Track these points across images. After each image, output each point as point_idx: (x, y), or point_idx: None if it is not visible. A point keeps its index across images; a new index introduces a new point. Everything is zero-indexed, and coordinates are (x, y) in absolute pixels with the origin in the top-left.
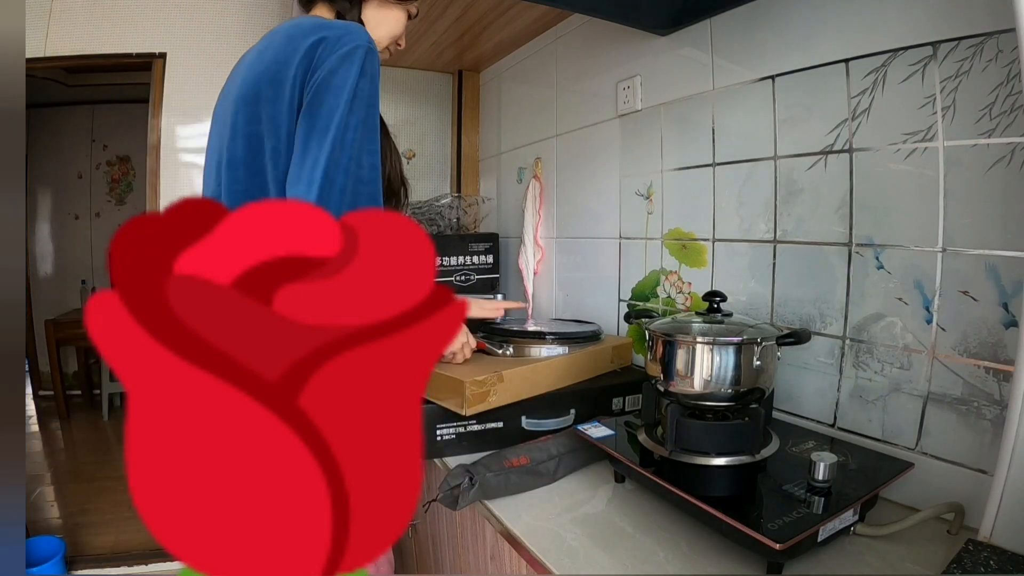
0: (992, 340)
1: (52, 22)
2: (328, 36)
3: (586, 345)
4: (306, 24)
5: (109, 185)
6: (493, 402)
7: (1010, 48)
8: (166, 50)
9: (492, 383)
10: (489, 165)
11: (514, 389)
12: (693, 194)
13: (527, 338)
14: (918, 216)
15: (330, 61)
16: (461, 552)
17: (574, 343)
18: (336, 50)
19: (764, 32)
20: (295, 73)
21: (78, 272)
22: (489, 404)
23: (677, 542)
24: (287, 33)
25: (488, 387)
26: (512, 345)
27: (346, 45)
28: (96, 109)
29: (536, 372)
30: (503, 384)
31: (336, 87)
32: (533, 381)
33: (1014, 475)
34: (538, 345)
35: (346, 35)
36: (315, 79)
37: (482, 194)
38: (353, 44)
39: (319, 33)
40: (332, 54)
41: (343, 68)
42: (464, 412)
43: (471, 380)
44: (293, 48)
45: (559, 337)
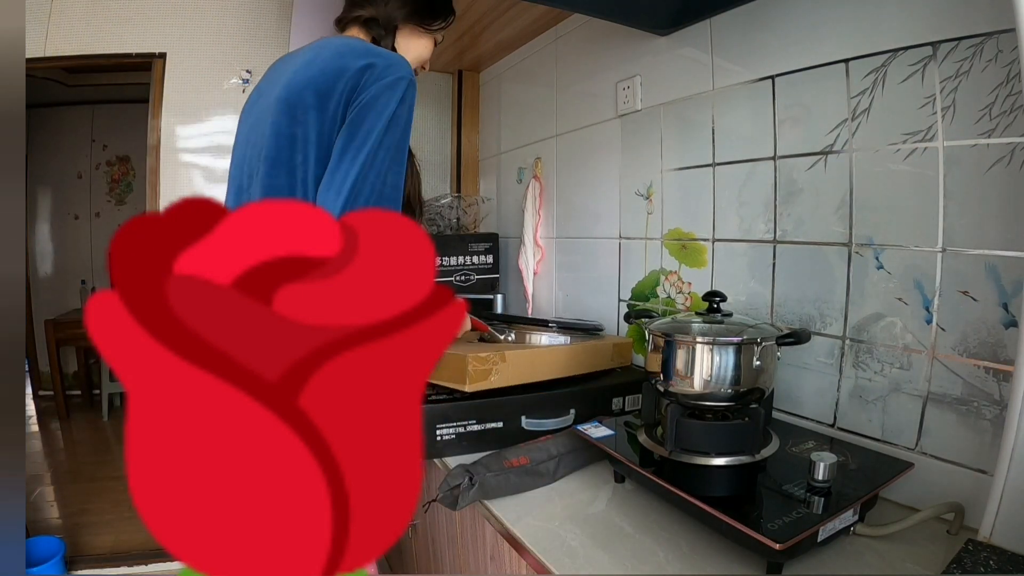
0: (992, 340)
1: (52, 22)
2: (377, 63)
3: (587, 337)
4: (357, 47)
5: (109, 185)
6: (494, 381)
7: (1010, 48)
8: (166, 50)
9: (495, 361)
10: (489, 165)
11: (515, 371)
12: (693, 194)
13: (529, 324)
14: (918, 216)
15: (376, 87)
16: (461, 552)
17: (575, 333)
18: (383, 78)
19: (764, 32)
20: (343, 89)
21: (78, 272)
22: (490, 383)
23: (677, 542)
24: (337, 50)
25: (490, 365)
26: (514, 331)
27: (392, 75)
28: (96, 109)
29: (538, 357)
30: (505, 364)
31: (378, 110)
32: (534, 366)
33: (1014, 475)
34: (539, 332)
35: (394, 65)
36: (360, 99)
37: (482, 194)
38: (398, 75)
39: (369, 58)
40: (379, 81)
41: (386, 94)
42: (466, 388)
43: (473, 356)
44: (343, 66)
45: (561, 325)
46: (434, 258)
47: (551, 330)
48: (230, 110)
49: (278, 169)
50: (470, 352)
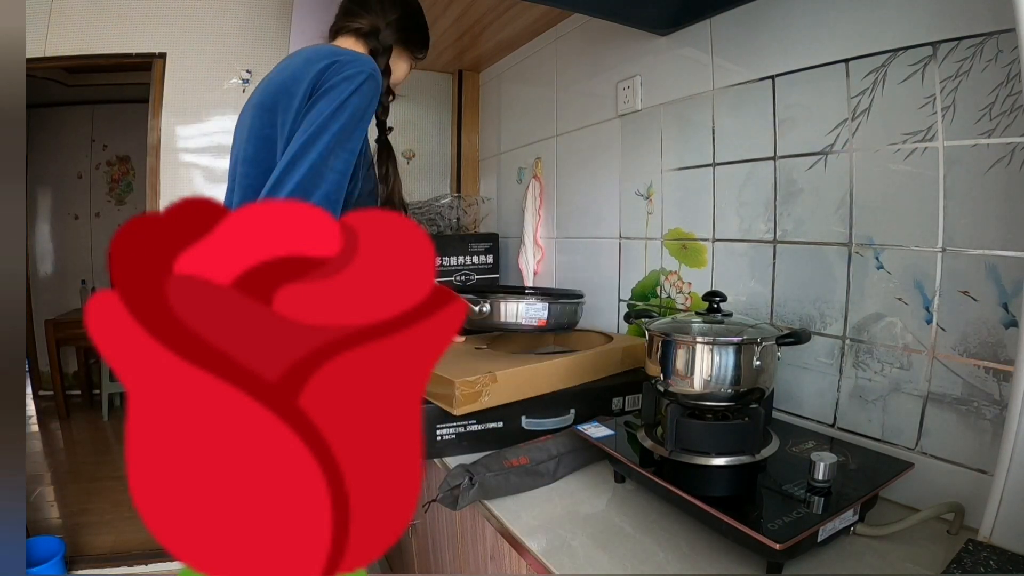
0: (992, 340)
1: (52, 22)
2: (340, 60)
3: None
4: (324, 49)
5: (109, 185)
6: (487, 402)
7: (1010, 48)
8: (166, 50)
9: (484, 383)
10: (489, 165)
11: (509, 390)
12: (693, 194)
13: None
14: (918, 216)
15: (334, 79)
16: (461, 552)
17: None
18: (342, 71)
19: (764, 32)
20: (306, 87)
21: (78, 272)
22: (482, 404)
23: (677, 542)
24: (306, 55)
25: (480, 387)
26: (489, 301)
27: (352, 68)
28: (96, 109)
29: (534, 373)
30: (496, 385)
31: (331, 97)
32: (531, 382)
33: (1014, 475)
34: (516, 301)
35: (355, 61)
36: (318, 91)
37: (482, 194)
38: (358, 69)
39: (333, 57)
40: (338, 74)
41: (342, 84)
42: (455, 412)
43: (461, 380)
44: (308, 68)
45: (540, 292)
46: (434, 258)
47: (527, 297)
48: (230, 110)
49: (256, 169)
50: (458, 376)
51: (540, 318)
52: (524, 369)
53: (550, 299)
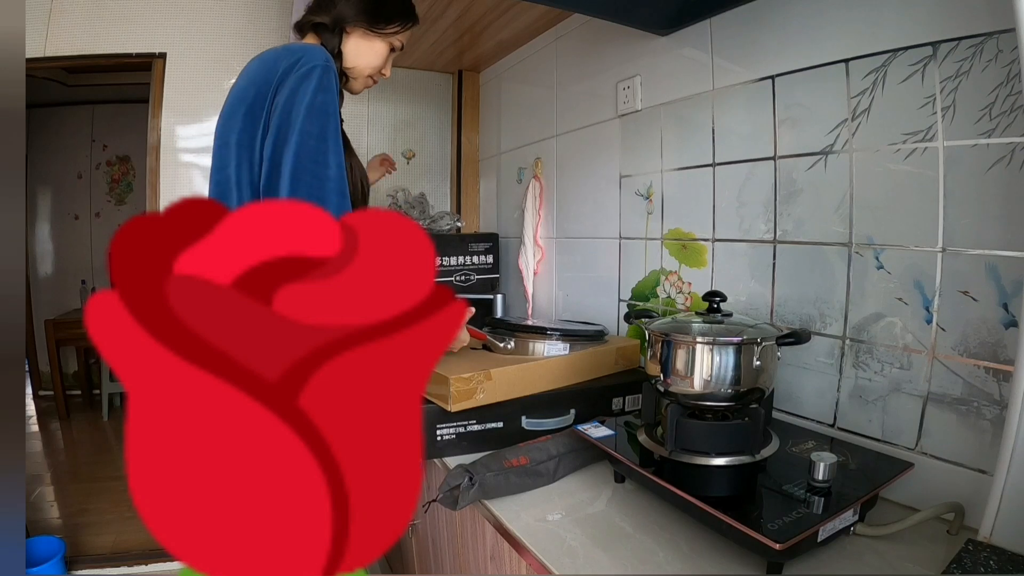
0: (992, 340)
1: (52, 22)
2: (292, 60)
3: (588, 345)
4: (276, 51)
5: (109, 185)
6: (481, 399)
7: (1010, 48)
8: (166, 50)
9: (479, 380)
10: (489, 165)
11: (504, 388)
12: (693, 194)
13: (529, 333)
14: (918, 216)
15: (291, 80)
16: (461, 552)
17: (576, 340)
18: (296, 71)
19: (764, 32)
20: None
21: (78, 272)
22: (477, 401)
23: (677, 542)
24: (262, 59)
25: (475, 384)
26: (514, 340)
27: (305, 65)
28: (96, 109)
29: (528, 372)
30: (491, 383)
31: (296, 103)
32: (525, 380)
33: (1014, 475)
34: (541, 341)
35: (305, 55)
36: (279, 99)
37: (482, 194)
38: (310, 64)
39: (285, 60)
40: (292, 75)
41: (302, 87)
42: (450, 408)
43: (456, 377)
44: (265, 73)
45: (563, 334)
46: (434, 258)
47: (551, 338)
48: None
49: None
50: (453, 373)
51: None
52: (518, 368)
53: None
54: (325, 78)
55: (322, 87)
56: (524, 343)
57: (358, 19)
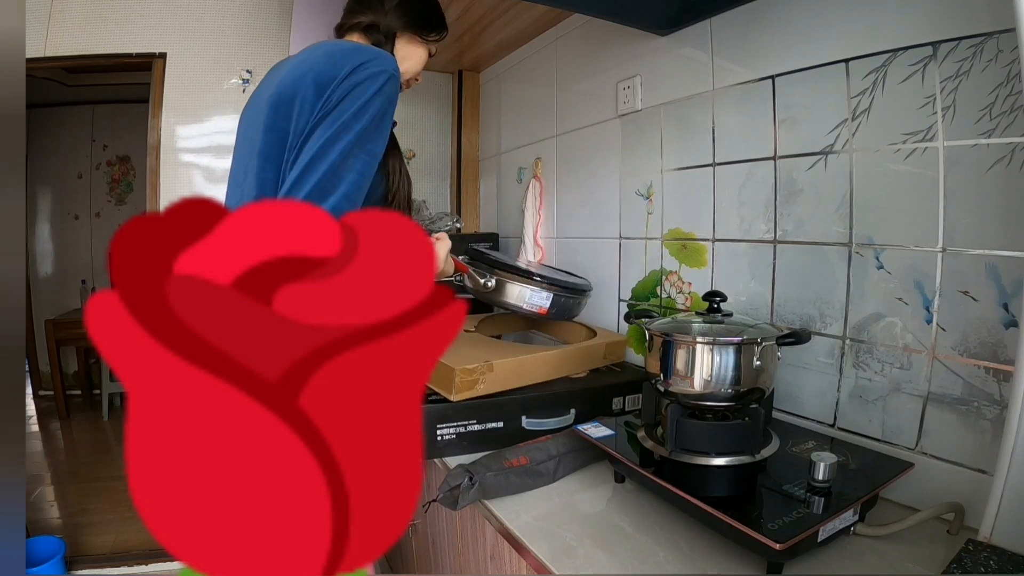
0: (992, 340)
1: (52, 22)
2: (364, 60)
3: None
4: (346, 46)
5: (109, 185)
6: (481, 390)
7: (1010, 48)
8: (166, 50)
9: (482, 371)
10: (489, 165)
11: (503, 379)
12: (693, 194)
13: (511, 273)
14: (918, 216)
15: (356, 77)
16: (461, 552)
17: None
18: (364, 71)
19: (764, 32)
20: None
21: (78, 272)
22: (477, 391)
23: (677, 542)
24: (327, 50)
25: (477, 375)
26: (495, 277)
27: (375, 67)
28: (96, 109)
29: (525, 364)
30: (492, 374)
31: (352, 97)
32: (522, 372)
33: (1014, 475)
34: (522, 284)
35: (378, 59)
36: (340, 90)
37: (482, 194)
38: (380, 68)
39: (356, 56)
40: (359, 74)
41: (364, 84)
42: (452, 398)
43: (461, 368)
44: (331, 65)
45: (548, 280)
46: (434, 258)
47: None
48: (230, 110)
49: (269, 163)
50: (457, 364)
51: (542, 306)
52: (517, 360)
53: (556, 289)
54: (389, 85)
55: (381, 91)
56: (504, 284)
57: (408, 26)
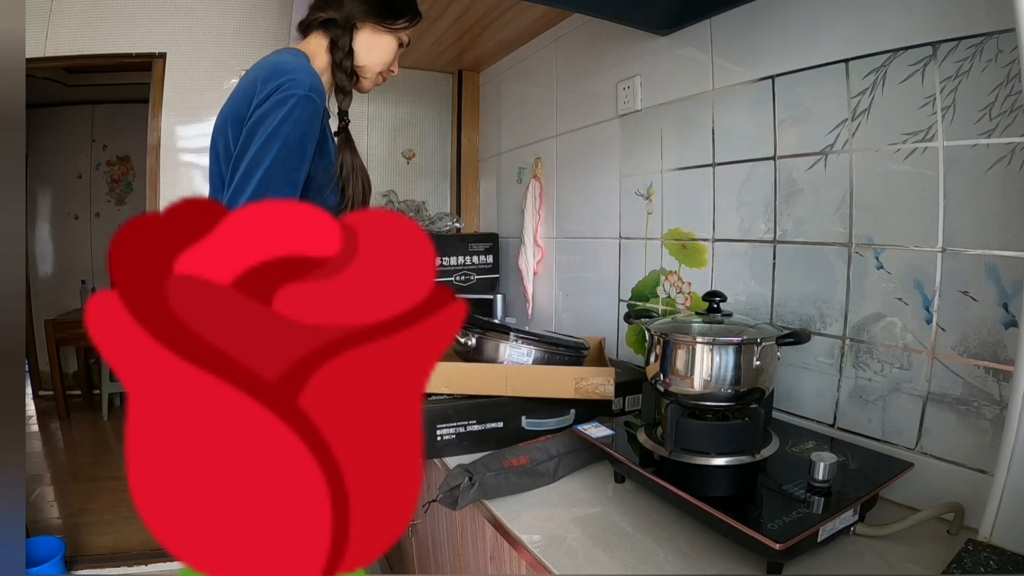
0: (992, 340)
1: (52, 22)
2: (279, 83)
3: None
4: (272, 67)
5: (109, 185)
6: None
7: (1010, 48)
8: (166, 50)
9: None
10: (489, 165)
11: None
12: (693, 194)
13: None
14: (918, 216)
15: (265, 106)
16: (461, 552)
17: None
18: (275, 95)
19: (764, 32)
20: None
21: (78, 272)
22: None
23: (677, 542)
24: (253, 75)
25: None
26: (476, 336)
27: (284, 92)
28: (96, 109)
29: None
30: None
31: (261, 131)
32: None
33: (1014, 475)
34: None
35: (288, 83)
36: (252, 122)
37: (482, 195)
38: (290, 92)
39: (273, 79)
40: (270, 101)
41: (271, 113)
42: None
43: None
44: (252, 91)
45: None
46: (434, 258)
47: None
48: None
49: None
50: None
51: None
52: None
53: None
54: (297, 109)
55: (289, 117)
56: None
57: (368, 15)
